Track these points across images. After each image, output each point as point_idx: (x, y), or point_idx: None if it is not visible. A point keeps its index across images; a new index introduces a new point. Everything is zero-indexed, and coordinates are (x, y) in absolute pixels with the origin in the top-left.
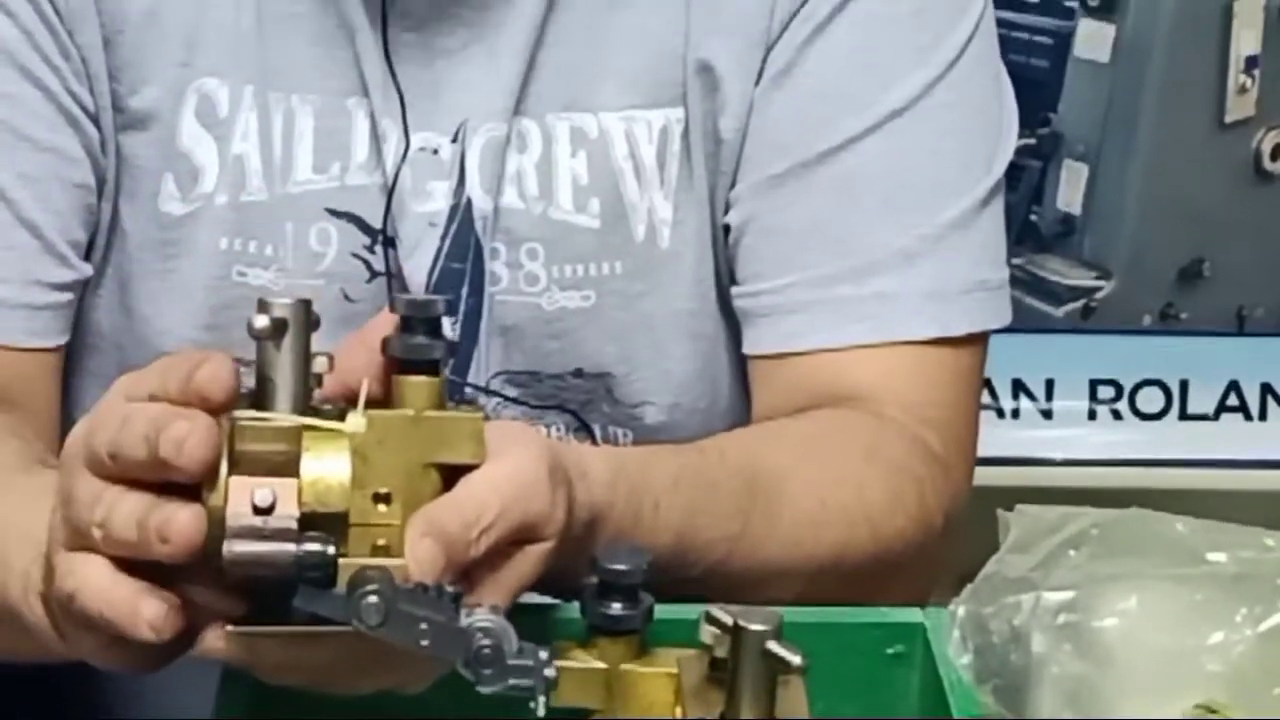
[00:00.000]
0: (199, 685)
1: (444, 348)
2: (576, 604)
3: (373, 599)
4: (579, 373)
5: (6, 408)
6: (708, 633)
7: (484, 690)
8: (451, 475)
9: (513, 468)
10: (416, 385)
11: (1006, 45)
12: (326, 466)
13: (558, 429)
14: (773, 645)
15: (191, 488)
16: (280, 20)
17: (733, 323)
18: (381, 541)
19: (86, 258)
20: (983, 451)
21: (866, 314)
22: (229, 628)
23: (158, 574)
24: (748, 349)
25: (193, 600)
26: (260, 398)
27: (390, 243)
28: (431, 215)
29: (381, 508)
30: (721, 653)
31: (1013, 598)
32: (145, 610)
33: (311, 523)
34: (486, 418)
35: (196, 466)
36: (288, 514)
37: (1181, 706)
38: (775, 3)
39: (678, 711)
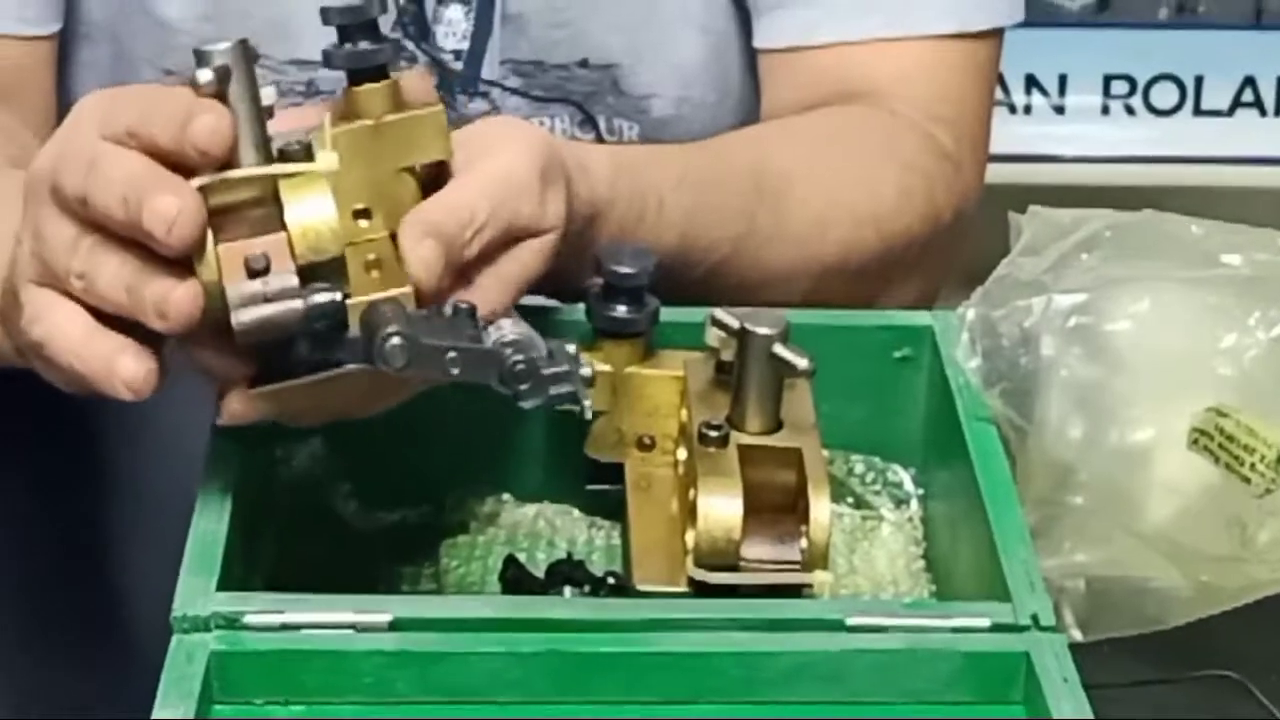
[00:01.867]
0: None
1: (389, 49)
2: (581, 307)
3: (396, 341)
4: (584, 63)
5: None
6: (714, 335)
7: (526, 405)
8: (433, 177)
9: (503, 167)
10: (370, 93)
11: None
12: (311, 212)
13: (562, 121)
14: (779, 348)
15: None
16: None
17: (745, 16)
18: (372, 256)
19: None
20: (994, 148)
21: (882, 6)
22: (253, 390)
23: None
24: (759, 42)
25: (203, 368)
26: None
27: None
28: None
29: (363, 223)
30: (728, 356)
31: (1023, 300)
32: (122, 370)
33: (310, 272)
34: (476, 106)
35: (185, 246)
36: (285, 270)
37: (1191, 410)
38: None
39: (683, 414)
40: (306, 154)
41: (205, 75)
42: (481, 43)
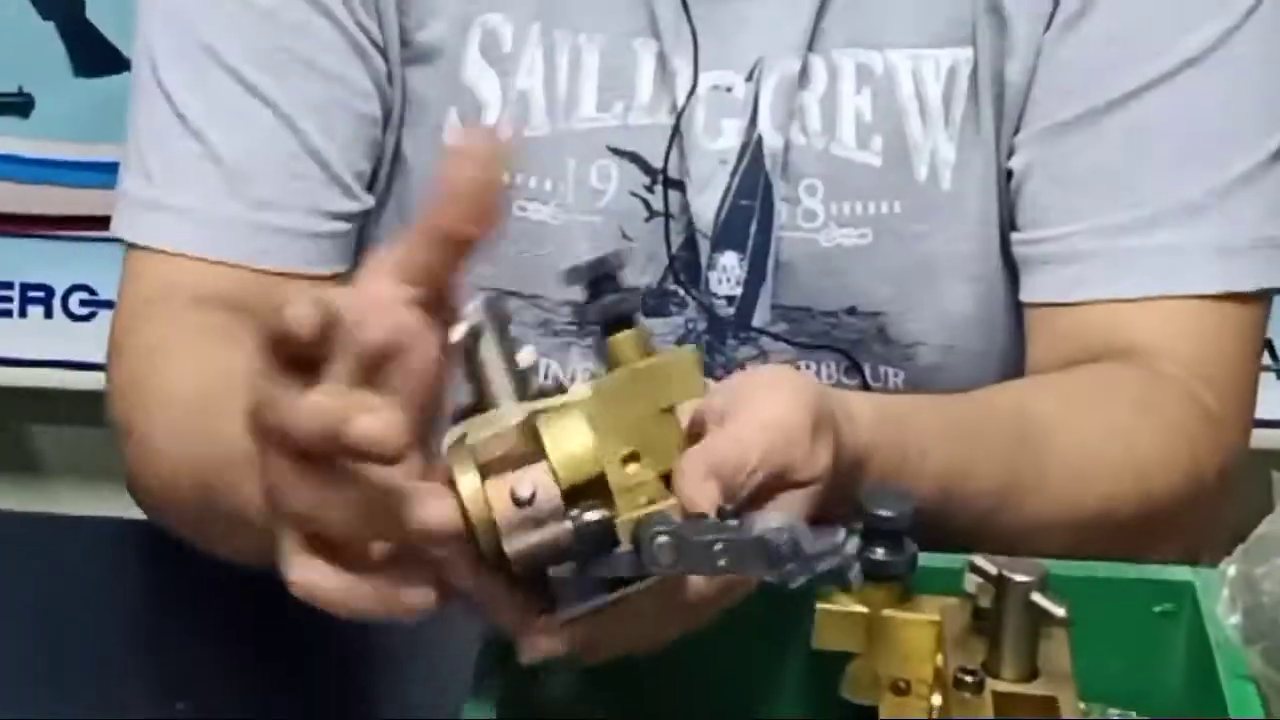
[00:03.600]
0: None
1: (635, 297)
2: None
3: (663, 539)
4: (852, 311)
5: None
6: (972, 582)
7: (793, 586)
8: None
9: (777, 415)
10: (623, 341)
11: None
12: (568, 439)
13: (828, 367)
14: (1037, 597)
15: None
16: None
17: (1012, 267)
18: (644, 499)
19: (369, 189)
20: (1261, 413)
21: (1150, 266)
22: (556, 619)
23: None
24: (1025, 296)
25: (491, 612)
26: (480, 402)
27: (671, 183)
28: (723, 153)
29: (632, 468)
30: (985, 603)
31: None
32: (405, 600)
33: (575, 495)
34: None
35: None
36: (551, 496)
37: None
38: None
39: (939, 659)
40: (559, 391)
41: (457, 333)
42: (754, 289)
